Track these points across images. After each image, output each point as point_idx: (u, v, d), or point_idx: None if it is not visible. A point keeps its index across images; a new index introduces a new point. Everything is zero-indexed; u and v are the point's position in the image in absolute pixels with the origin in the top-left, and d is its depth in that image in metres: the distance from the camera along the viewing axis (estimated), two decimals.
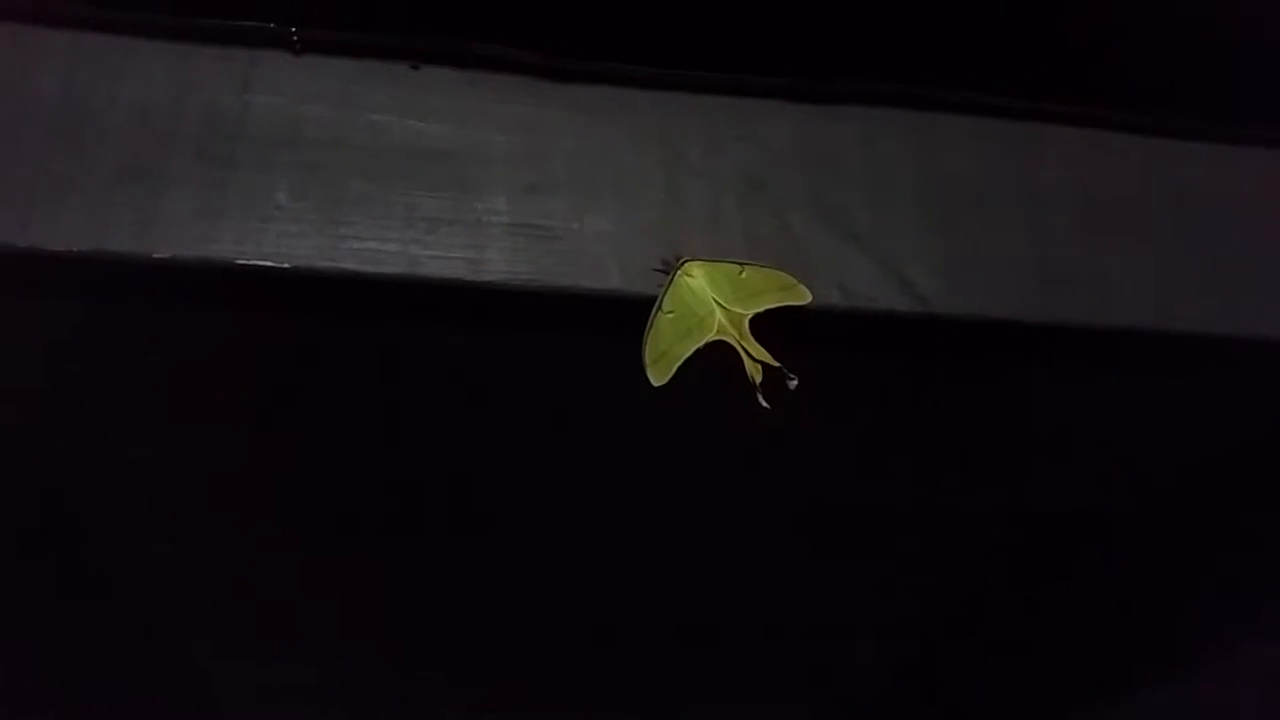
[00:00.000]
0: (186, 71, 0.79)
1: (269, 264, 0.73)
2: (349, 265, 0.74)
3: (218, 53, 0.80)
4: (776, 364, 0.74)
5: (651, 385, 0.74)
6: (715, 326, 0.75)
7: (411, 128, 0.80)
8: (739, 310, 0.75)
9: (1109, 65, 0.85)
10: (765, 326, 0.76)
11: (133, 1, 0.79)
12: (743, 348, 0.75)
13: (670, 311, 0.75)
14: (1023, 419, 0.98)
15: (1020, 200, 0.85)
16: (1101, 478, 1.08)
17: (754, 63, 0.85)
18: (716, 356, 0.75)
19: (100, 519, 1.06)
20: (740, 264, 0.76)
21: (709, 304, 0.75)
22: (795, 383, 0.74)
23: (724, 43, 0.84)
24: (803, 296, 0.76)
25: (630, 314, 0.75)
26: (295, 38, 0.81)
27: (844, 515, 1.12)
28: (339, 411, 0.91)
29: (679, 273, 0.76)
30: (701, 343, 0.75)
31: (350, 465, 0.99)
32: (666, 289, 0.75)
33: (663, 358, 0.74)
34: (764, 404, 0.74)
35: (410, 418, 0.93)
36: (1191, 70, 0.84)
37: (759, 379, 0.74)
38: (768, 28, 0.83)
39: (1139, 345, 0.84)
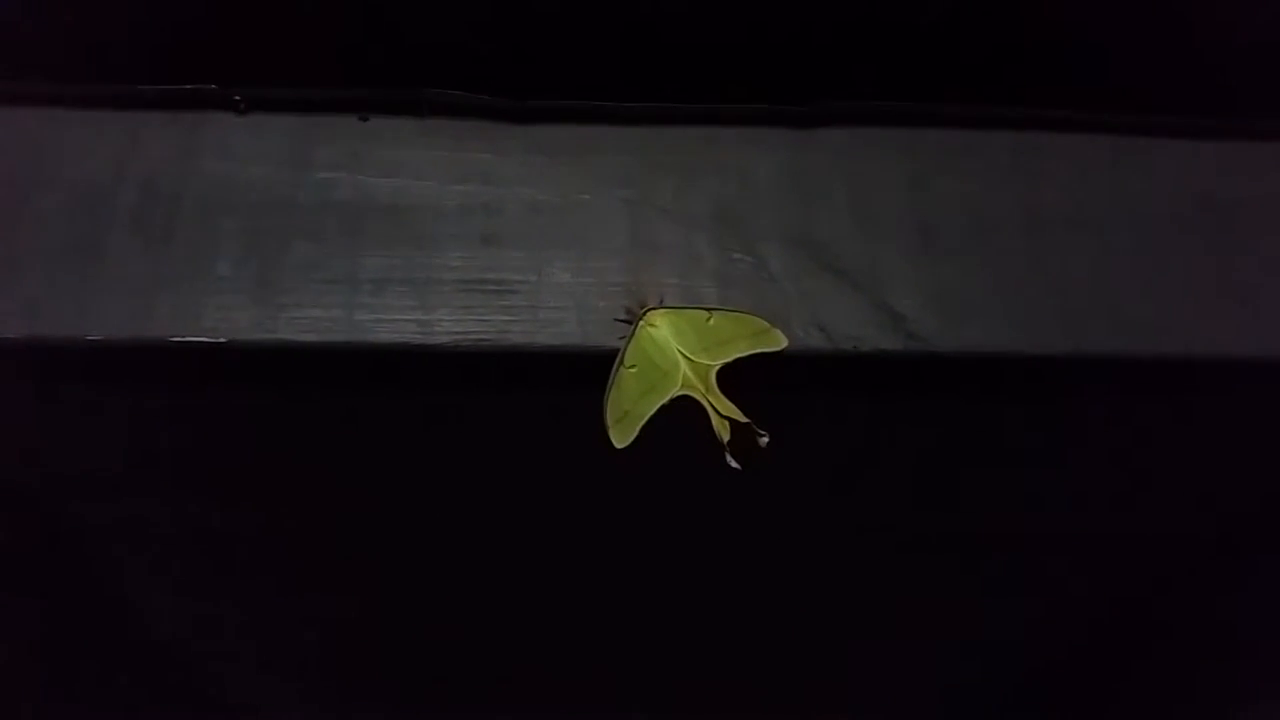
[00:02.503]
0: (128, 142, 0.77)
1: (205, 340, 0.69)
2: (288, 335, 0.70)
3: (162, 118, 0.78)
4: (745, 420, 0.68)
5: (614, 447, 0.68)
6: (680, 380, 0.69)
7: (359, 184, 0.76)
8: (705, 361, 0.69)
9: (1109, 64, 0.77)
10: (738, 376, 0.70)
11: (76, 73, 0.76)
12: (709, 403, 0.69)
13: (632, 366, 0.69)
14: (1032, 457, 0.90)
15: (1022, 220, 0.78)
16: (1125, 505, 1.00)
17: (726, 89, 0.79)
18: (684, 413, 0.69)
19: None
20: (708, 310, 0.71)
21: (673, 356, 0.70)
22: (766, 439, 0.67)
23: (694, 71, 0.78)
24: (777, 342, 0.70)
25: (590, 371, 0.69)
26: (238, 98, 0.78)
27: (840, 559, 1.06)
28: (292, 477, 0.88)
29: (641, 323, 0.70)
30: (665, 399, 0.69)
31: (299, 531, 0.95)
32: (628, 342, 0.70)
33: (625, 417, 0.69)
34: (733, 464, 0.68)
35: (365, 486, 0.89)
36: (1201, 64, 0.76)
37: (727, 437, 0.68)
38: (739, 51, 0.78)
39: (1165, 373, 0.76)
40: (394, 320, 0.71)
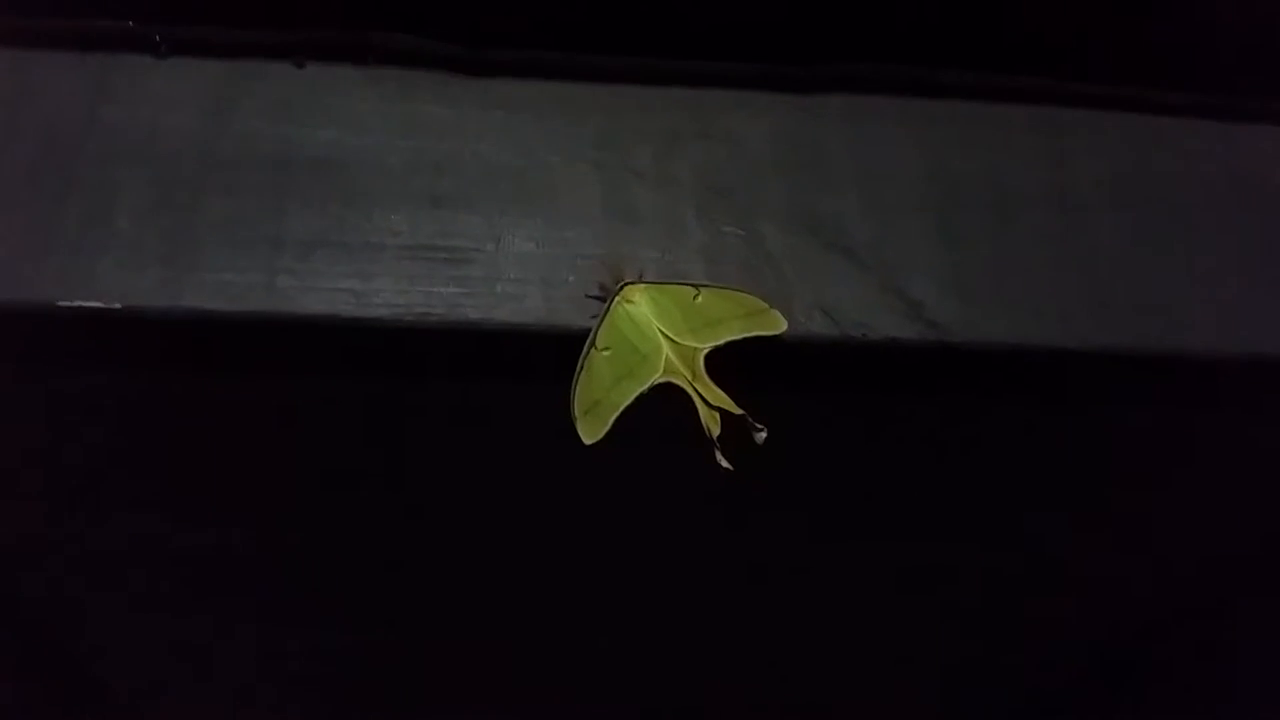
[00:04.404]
0: (30, 81, 0.66)
1: (98, 305, 0.58)
2: (195, 302, 0.59)
3: (68, 59, 0.67)
4: (739, 411, 0.58)
5: (582, 443, 0.58)
6: (662, 366, 0.59)
7: (288, 135, 0.65)
8: (692, 344, 0.60)
9: (1145, 34, 0.69)
10: (730, 363, 0.60)
11: None
12: (696, 392, 0.59)
13: (606, 349, 0.59)
14: (1059, 464, 0.81)
15: (1048, 201, 0.69)
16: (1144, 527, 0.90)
17: (718, 47, 0.70)
18: (667, 404, 0.59)
19: None
20: (696, 286, 0.61)
21: (654, 338, 0.60)
22: (764, 435, 0.57)
23: (678, 24, 0.69)
24: (775, 324, 0.60)
25: (556, 354, 0.59)
26: (158, 38, 0.68)
27: (836, 579, 0.96)
28: (201, 471, 0.76)
29: (617, 299, 0.60)
30: (645, 387, 0.59)
31: (226, 536, 0.84)
32: (601, 320, 0.60)
33: (596, 408, 0.59)
34: (724, 464, 0.57)
35: (290, 482, 0.77)
36: (1244, 38, 0.68)
37: (717, 431, 0.58)
38: (730, 4, 0.68)
39: (1205, 372, 0.67)
40: (324, 289, 0.61)
